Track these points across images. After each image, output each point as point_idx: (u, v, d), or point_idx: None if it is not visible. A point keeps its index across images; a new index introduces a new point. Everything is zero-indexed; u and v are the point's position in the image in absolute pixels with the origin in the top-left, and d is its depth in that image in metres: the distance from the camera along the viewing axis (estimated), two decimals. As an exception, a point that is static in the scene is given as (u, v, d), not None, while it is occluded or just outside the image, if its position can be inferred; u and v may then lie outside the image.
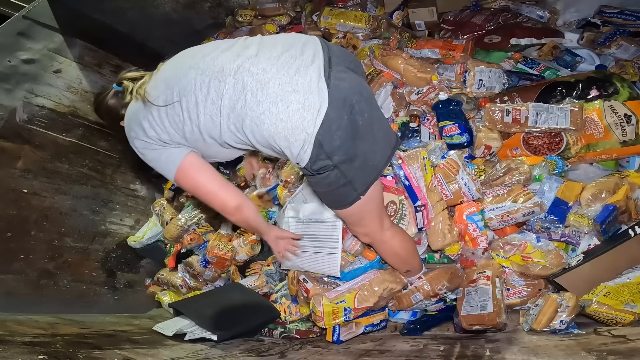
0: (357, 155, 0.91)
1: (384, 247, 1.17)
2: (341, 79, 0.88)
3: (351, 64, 0.97)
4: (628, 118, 1.28)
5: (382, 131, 0.96)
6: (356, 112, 0.87)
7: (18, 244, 1.42)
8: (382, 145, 0.96)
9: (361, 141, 0.90)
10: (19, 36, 1.60)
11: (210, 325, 1.29)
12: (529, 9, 1.96)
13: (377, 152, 0.95)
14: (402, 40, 1.97)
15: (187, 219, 1.73)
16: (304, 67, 0.88)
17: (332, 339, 1.24)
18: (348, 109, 0.86)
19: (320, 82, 0.86)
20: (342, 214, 1.06)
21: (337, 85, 0.87)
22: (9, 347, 0.91)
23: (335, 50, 0.95)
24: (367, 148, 0.92)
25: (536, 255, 1.17)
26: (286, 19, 2.41)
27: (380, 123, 0.96)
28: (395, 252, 1.18)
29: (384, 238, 1.12)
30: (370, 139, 0.92)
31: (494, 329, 1.12)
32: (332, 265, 1.26)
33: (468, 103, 1.53)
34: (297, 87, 0.86)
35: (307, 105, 0.85)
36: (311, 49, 0.92)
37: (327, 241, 1.29)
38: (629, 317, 1.00)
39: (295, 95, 0.85)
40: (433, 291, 1.22)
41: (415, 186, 1.27)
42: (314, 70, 0.88)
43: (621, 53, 1.69)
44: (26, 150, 1.51)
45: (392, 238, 1.13)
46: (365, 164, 0.94)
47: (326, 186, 0.95)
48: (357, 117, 0.88)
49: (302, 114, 0.85)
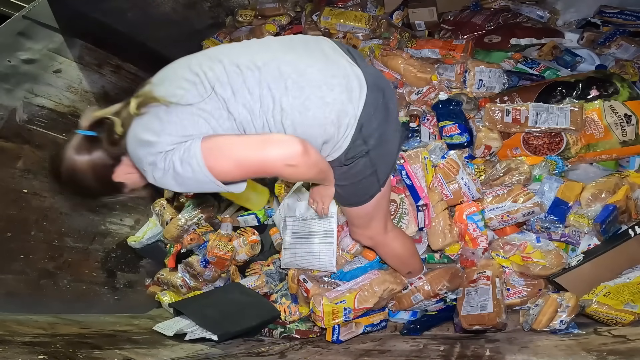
0: (387, 140, 0.92)
1: (386, 250, 1.18)
2: (366, 66, 0.90)
3: (360, 58, 0.97)
4: (628, 118, 1.28)
5: (397, 120, 0.98)
6: (388, 97, 0.90)
7: (18, 244, 1.42)
8: (399, 132, 0.98)
9: (390, 125, 0.92)
10: (19, 36, 1.59)
11: (211, 326, 1.29)
12: (529, 9, 1.96)
13: (396, 138, 0.97)
14: (402, 40, 1.97)
15: (187, 219, 1.73)
16: (332, 55, 0.88)
17: (331, 338, 1.24)
18: (381, 93, 0.88)
19: (353, 67, 0.86)
20: (355, 212, 1.03)
21: (367, 71, 0.87)
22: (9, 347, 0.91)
23: (345, 45, 0.96)
24: (392, 133, 0.94)
25: (536, 255, 1.17)
26: (286, 19, 2.40)
27: (396, 111, 0.98)
28: (396, 255, 1.19)
29: (387, 241, 1.12)
30: (394, 124, 0.94)
31: (494, 329, 1.12)
32: (328, 260, 1.28)
33: (468, 103, 1.53)
34: (335, 72, 0.84)
35: (349, 88, 0.84)
36: (327, 44, 0.92)
37: (322, 237, 1.30)
38: (629, 317, 1.00)
39: (337, 79, 0.83)
40: (433, 291, 1.22)
41: (417, 186, 1.27)
42: (342, 57, 0.88)
43: (621, 53, 1.69)
44: (26, 150, 1.51)
45: (394, 240, 1.13)
46: (388, 150, 0.95)
47: (352, 177, 0.94)
48: (388, 102, 0.90)
49: (348, 95, 0.83)
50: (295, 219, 1.42)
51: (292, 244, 1.40)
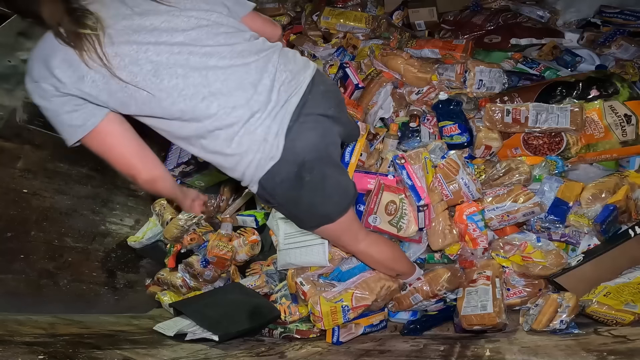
0: (301, 203, 0.95)
1: (363, 257, 1.21)
2: (304, 130, 0.88)
3: (330, 109, 0.95)
4: (628, 118, 1.28)
5: (335, 186, 0.96)
6: (305, 169, 0.89)
7: (18, 244, 1.42)
8: (334, 199, 0.97)
9: (307, 193, 0.92)
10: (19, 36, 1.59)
11: (211, 326, 1.29)
12: (529, 9, 1.96)
13: (328, 204, 0.97)
14: (402, 40, 1.97)
15: (187, 219, 1.73)
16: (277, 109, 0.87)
17: (331, 340, 1.24)
18: (298, 165, 0.88)
19: (278, 136, 0.86)
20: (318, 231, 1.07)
21: (294, 139, 0.87)
22: (9, 347, 0.91)
23: (317, 92, 0.93)
24: (316, 200, 0.95)
25: (536, 255, 1.17)
26: (286, 19, 2.41)
27: (334, 178, 0.95)
28: (375, 261, 1.20)
29: (360, 249, 1.14)
30: (320, 192, 0.93)
31: (494, 329, 1.12)
32: (321, 254, 1.29)
33: (468, 103, 1.53)
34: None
35: (254, 150, 0.86)
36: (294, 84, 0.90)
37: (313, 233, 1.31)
38: (629, 317, 1.00)
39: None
40: (432, 292, 1.22)
41: (418, 186, 1.27)
42: (281, 117, 0.87)
43: (621, 53, 1.69)
44: (26, 150, 1.51)
45: (368, 248, 1.14)
46: (313, 211, 0.98)
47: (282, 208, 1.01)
48: (304, 174, 0.89)
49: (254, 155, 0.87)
50: (287, 220, 1.43)
51: (285, 245, 1.41)
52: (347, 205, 1.00)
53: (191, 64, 0.81)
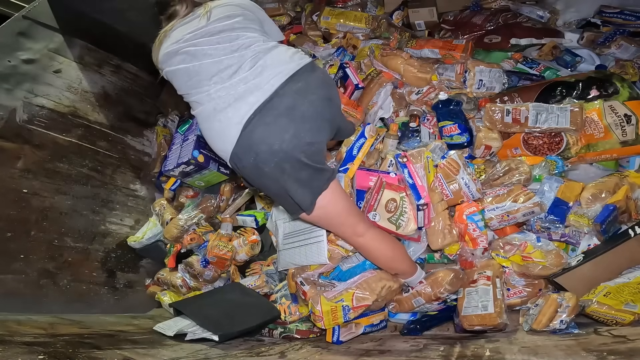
0: (269, 190, 1.09)
1: (363, 251, 1.22)
2: (261, 124, 0.96)
3: (303, 105, 0.99)
4: (628, 118, 1.28)
5: (296, 180, 1.00)
6: (260, 160, 0.97)
7: (18, 244, 1.42)
8: (299, 192, 1.01)
9: (270, 182, 1.02)
10: (19, 36, 1.59)
11: (211, 326, 1.29)
12: (529, 9, 1.96)
13: (295, 196, 1.01)
14: (402, 40, 1.97)
15: (187, 219, 1.73)
16: (243, 97, 0.97)
17: (331, 339, 1.24)
18: (253, 155, 0.97)
19: (238, 124, 0.97)
20: (307, 218, 1.11)
21: (251, 131, 0.96)
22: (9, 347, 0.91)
23: (288, 89, 0.98)
24: (280, 191, 1.02)
25: (536, 255, 1.17)
26: (286, 19, 2.40)
27: (295, 172, 0.99)
28: (375, 257, 1.21)
29: (359, 243, 1.15)
30: (281, 183, 1.00)
31: (495, 329, 1.12)
32: (320, 252, 1.29)
33: (468, 103, 1.53)
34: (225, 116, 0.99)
35: (222, 136, 1.00)
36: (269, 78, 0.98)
37: (311, 231, 1.32)
38: (629, 317, 1.00)
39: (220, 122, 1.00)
40: (435, 295, 1.21)
41: (419, 185, 1.27)
42: (245, 109, 0.97)
43: (621, 53, 1.69)
44: (26, 150, 1.51)
45: (368, 244, 1.15)
46: (281, 199, 1.06)
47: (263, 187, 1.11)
48: (260, 164, 0.97)
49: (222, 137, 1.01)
50: (285, 221, 1.44)
51: (285, 245, 1.41)
52: (312, 199, 1.03)
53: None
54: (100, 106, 1.85)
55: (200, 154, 1.75)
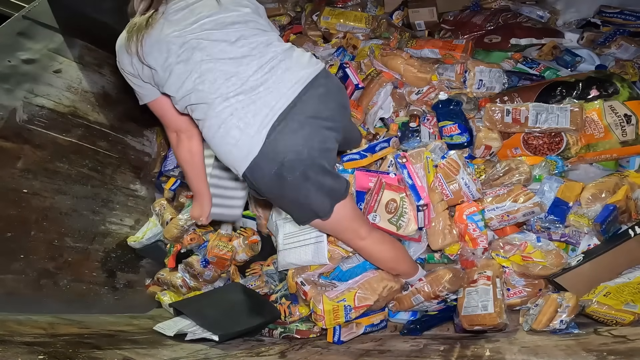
0: (286, 200, 1.02)
1: (364, 254, 1.22)
2: (288, 132, 0.90)
3: (324, 112, 0.96)
4: (628, 118, 1.28)
5: (319, 187, 0.97)
6: (285, 169, 0.91)
7: (18, 244, 1.42)
8: (318, 200, 0.99)
9: (289, 192, 0.97)
10: (19, 36, 1.59)
11: (211, 326, 1.29)
12: (529, 9, 1.96)
13: (313, 204, 1.00)
14: (402, 40, 1.97)
15: (187, 219, 1.73)
16: (267, 104, 0.91)
17: (332, 339, 1.24)
18: (277, 164, 0.91)
19: (261, 131, 0.90)
20: (315, 224, 1.09)
21: (276, 139, 0.90)
22: (9, 347, 0.91)
23: (311, 95, 0.94)
24: (300, 199, 0.99)
25: (536, 255, 1.17)
26: (286, 19, 2.40)
27: (317, 180, 0.96)
28: (376, 259, 1.22)
29: (361, 246, 1.16)
30: (303, 192, 0.96)
31: (495, 329, 1.12)
32: (320, 252, 1.29)
33: (468, 103, 1.53)
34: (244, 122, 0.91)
35: (240, 145, 0.91)
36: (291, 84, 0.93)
37: (311, 231, 1.32)
38: (629, 317, 1.00)
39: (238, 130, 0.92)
40: (434, 293, 1.22)
41: (418, 185, 1.27)
42: (267, 114, 0.90)
43: (621, 53, 1.69)
44: (26, 150, 1.51)
45: (370, 246, 1.16)
46: (298, 208, 1.03)
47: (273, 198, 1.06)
48: (284, 174, 0.92)
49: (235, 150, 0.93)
50: (286, 221, 1.44)
51: (285, 245, 1.41)
52: (331, 206, 1.02)
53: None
54: (100, 106, 1.85)
55: (200, 154, 1.75)
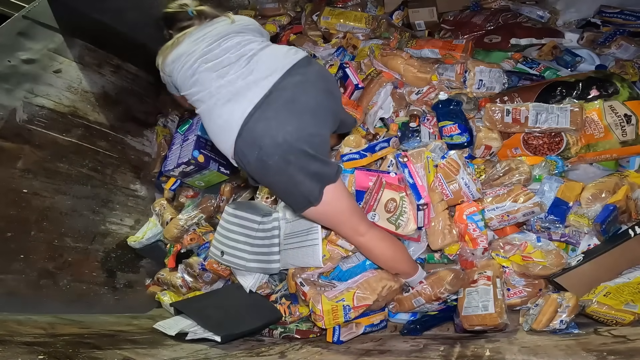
0: (272, 185, 1.08)
1: (364, 251, 1.22)
2: (263, 118, 0.96)
3: (301, 97, 1.00)
4: (628, 118, 1.28)
5: (302, 172, 0.99)
6: (264, 154, 0.96)
7: (18, 244, 1.42)
8: (305, 184, 1.01)
9: (275, 176, 1.01)
10: (19, 36, 1.60)
11: (213, 327, 1.29)
12: (529, 9, 1.96)
13: (304, 185, 1.01)
14: (402, 40, 1.97)
15: (187, 219, 1.73)
16: (242, 93, 0.98)
17: (332, 339, 1.24)
18: (257, 149, 0.96)
19: (239, 120, 0.96)
20: (307, 214, 1.11)
21: (254, 126, 0.96)
22: (9, 347, 0.91)
23: (287, 83, 0.99)
24: (286, 185, 1.02)
25: (536, 255, 1.17)
26: (286, 19, 2.41)
27: (299, 164, 0.99)
28: (375, 257, 1.21)
29: (361, 242, 1.16)
30: (288, 175, 1.00)
31: (495, 329, 1.12)
32: (315, 256, 1.29)
33: (468, 103, 1.53)
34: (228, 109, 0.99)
35: (226, 129, 0.98)
36: (266, 74, 0.99)
37: (308, 234, 1.32)
38: (629, 317, 1.00)
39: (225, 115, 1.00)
40: (435, 295, 1.21)
41: (419, 185, 1.27)
42: (246, 106, 0.97)
43: (621, 53, 1.69)
44: (26, 150, 1.51)
45: (369, 243, 1.15)
46: (290, 192, 1.04)
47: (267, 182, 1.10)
48: (264, 158, 0.96)
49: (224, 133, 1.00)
50: (287, 222, 1.44)
51: (284, 245, 1.41)
52: (320, 189, 1.03)
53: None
54: (100, 106, 1.85)
55: (200, 154, 1.75)
